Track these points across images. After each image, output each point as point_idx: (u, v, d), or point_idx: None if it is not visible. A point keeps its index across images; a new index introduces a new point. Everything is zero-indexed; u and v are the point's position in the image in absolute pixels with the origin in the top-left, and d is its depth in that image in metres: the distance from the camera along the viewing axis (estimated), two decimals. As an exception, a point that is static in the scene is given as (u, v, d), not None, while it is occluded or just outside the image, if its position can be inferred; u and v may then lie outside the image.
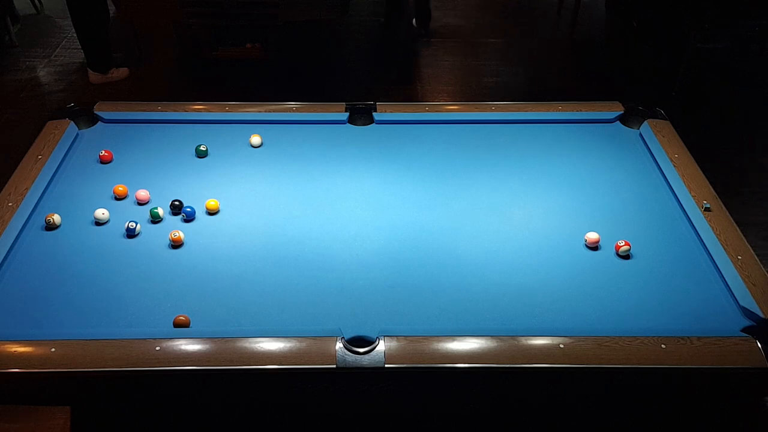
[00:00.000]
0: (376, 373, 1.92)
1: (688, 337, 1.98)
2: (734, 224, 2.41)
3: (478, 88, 4.96)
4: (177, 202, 2.50)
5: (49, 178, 2.60)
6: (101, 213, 2.43)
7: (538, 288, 2.22)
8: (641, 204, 2.58)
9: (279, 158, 2.80)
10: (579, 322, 2.09)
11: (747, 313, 2.09)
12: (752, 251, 2.30)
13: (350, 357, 1.92)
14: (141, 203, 2.53)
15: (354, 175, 2.71)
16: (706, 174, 2.66)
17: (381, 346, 1.94)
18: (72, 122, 2.88)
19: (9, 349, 1.91)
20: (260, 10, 4.69)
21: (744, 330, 2.04)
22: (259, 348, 1.95)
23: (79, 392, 2.01)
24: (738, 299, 2.14)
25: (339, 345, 1.94)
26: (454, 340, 1.98)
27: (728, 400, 2.39)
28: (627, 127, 3.00)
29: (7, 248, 2.27)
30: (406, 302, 2.16)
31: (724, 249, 2.29)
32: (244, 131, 2.91)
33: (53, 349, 1.91)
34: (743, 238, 2.36)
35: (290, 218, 2.49)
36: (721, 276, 2.23)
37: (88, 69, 4.82)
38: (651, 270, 2.29)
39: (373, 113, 3.01)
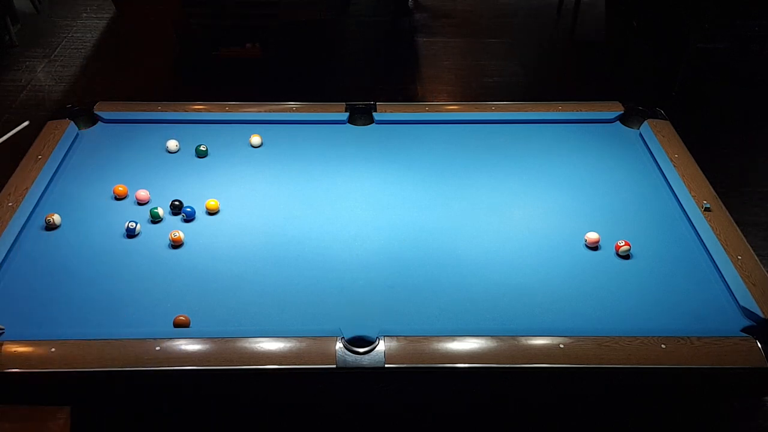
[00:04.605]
0: (376, 373, 1.92)
1: (688, 337, 1.98)
2: (734, 224, 2.40)
3: (478, 88, 4.96)
4: (177, 202, 2.50)
5: (49, 178, 2.60)
6: (173, 144, 2.75)
7: (538, 288, 2.22)
8: (641, 204, 2.58)
9: (279, 158, 2.80)
10: (579, 322, 2.09)
11: (747, 313, 2.09)
12: (752, 251, 2.30)
13: (350, 357, 1.92)
14: (141, 203, 2.53)
15: (354, 175, 2.71)
16: (706, 174, 2.65)
17: (381, 346, 1.94)
18: (72, 122, 2.87)
19: (9, 349, 1.91)
20: (260, 10, 4.69)
21: (744, 330, 2.04)
22: (259, 348, 1.95)
23: (79, 392, 2.01)
24: (738, 299, 2.13)
25: (339, 345, 1.94)
26: (454, 340, 1.98)
27: (728, 400, 2.39)
28: (627, 127, 3.00)
29: (7, 248, 2.27)
30: (406, 302, 2.16)
31: (724, 249, 2.29)
32: (244, 131, 2.91)
33: (53, 349, 1.91)
34: (743, 238, 2.35)
35: (290, 218, 2.49)
36: (721, 276, 2.23)
37: None
38: (651, 270, 2.28)
39: (373, 113, 3.01)
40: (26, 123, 2.33)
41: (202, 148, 2.79)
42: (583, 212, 2.53)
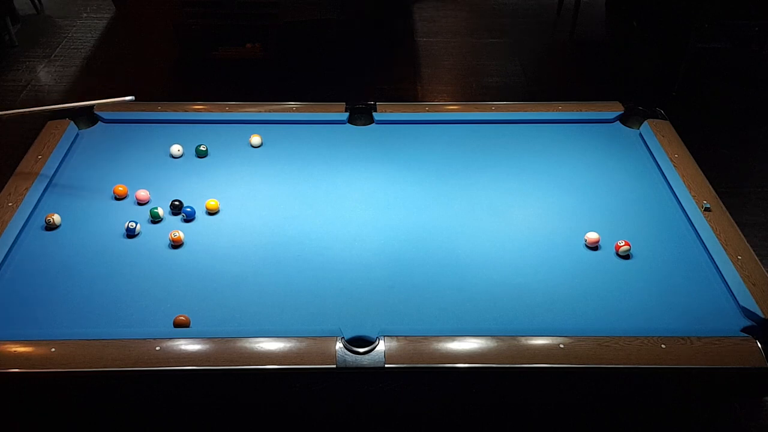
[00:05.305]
0: (376, 373, 1.92)
1: (688, 337, 1.98)
2: (734, 224, 2.41)
3: (478, 88, 4.96)
4: (177, 202, 2.50)
5: (49, 178, 2.60)
6: (176, 149, 2.73)
7: (538, 288, 2.22)
8: (641, 204, 2.58)
9: (279, 158, 2.80)
10: (579, 322, 2.09)
11: (747, 313, 2.09)
12: (752, 251, 2.30)
13: (350, 357, 1.92)
14: (141, 203, 2.53)
15: (354, 175, 2.71)
16: (706, 174, 2.66)
17: (381, 346, 1.94)
18: (72, 122, 2.88)
19: (9, 349, 1.91)
20: (260, 10, 4.69)
21: (744, 330, 2.04)
22: (259, 348, 1.95)
23: (79, 392, 2.01)
24: (738, 299, 2.13)
25: (339, 345, 1.94)
26: (454, 340, 1.98)
27: (728, 400, 2.39)
28: (627, 127, 3.00)
29: (7, 248, 2.27)
30: (406, 302, 2.16)
31: (724, 249, 2.29)
32: (244, 131, 2.91)
33: (53, 349, 1.91)
34: (743, 238, 2.36)
35: (290, 218, 2.49)
36: (721, 276, 2.23)
37: None
38: (651, 270, 2.28)
39: (373, 113, 3.01)
40: (131, 98, 2.39)
41: (202, 148, 2.79)
42: (583, 212, 2.53)
